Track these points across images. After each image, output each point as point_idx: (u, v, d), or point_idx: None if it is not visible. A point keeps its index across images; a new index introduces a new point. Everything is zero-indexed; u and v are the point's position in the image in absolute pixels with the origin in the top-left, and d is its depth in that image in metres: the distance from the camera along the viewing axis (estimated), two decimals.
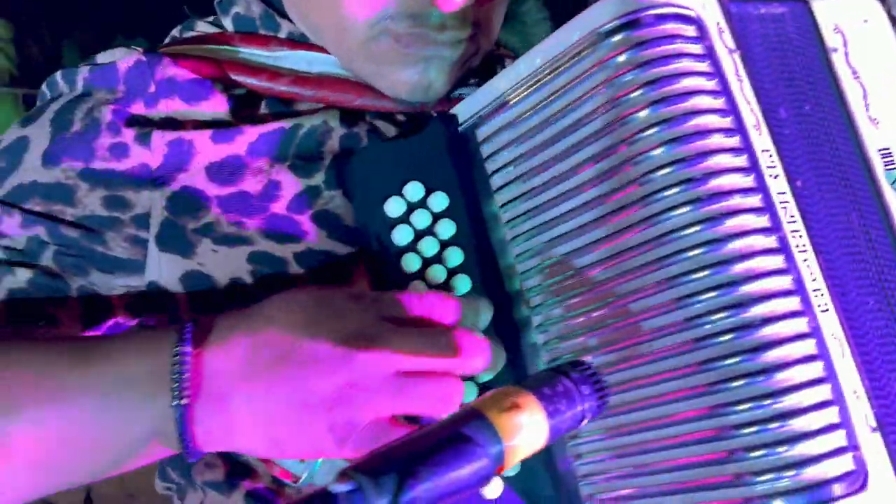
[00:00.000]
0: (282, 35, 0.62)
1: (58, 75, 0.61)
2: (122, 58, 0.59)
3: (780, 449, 0.42)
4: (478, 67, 0.61)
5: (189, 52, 0.60)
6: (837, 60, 0.54)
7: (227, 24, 0.63)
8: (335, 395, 0.43)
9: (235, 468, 0.56)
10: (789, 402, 0.42)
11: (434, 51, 0.56)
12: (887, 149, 0.53)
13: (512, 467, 0.38)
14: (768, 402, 0.43)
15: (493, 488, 0.51)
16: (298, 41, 0.62)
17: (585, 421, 0.38)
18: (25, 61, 2.60)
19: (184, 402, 0.44)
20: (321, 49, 0.61)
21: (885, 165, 0.53)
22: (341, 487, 0.30)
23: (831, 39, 0.54)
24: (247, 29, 0.62)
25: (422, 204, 0.54)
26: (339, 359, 0.43)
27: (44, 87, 0.62)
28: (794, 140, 0.49)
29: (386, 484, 0.30)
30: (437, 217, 0.54)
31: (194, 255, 0.55)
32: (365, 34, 0.55)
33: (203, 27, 0.65)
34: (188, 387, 0.44)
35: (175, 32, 0.66)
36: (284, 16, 0.62)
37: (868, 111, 0.53)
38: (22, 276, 0.54)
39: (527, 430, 0.34)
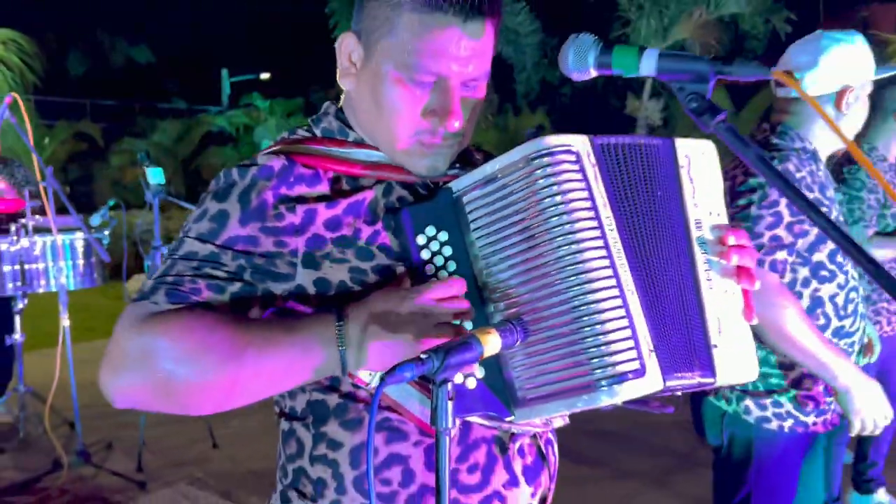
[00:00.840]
0: (350, 139, 1.09)
1: (234, 170, 1.02)
2: (274, 160, 1.03)
3: (606, 358, 0.90)
4: (458, 156, 1.09)
5: (303, 151, 1.05)
6: (683, 170, 1.02)
7: (317, 132, 1.10)
8: (411, 323, 0.91)
9: (332, 378, 1.03)
10: (611, 336, 0.90)
11: (440, 150, 1.04)
12: (699, 220, 1.01)
13: (487, 356, 0.86)
14: (601, 337, 0.90)
15: (471, 382, 0.98)
16: (360, 143, 1.08)
17: (518, 342, 0.90)
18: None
19: (342, 348, 0.93)
20: (373, 147, 1.07)
21: (696, 228, 1.01)
22: (424, 356, 0.80)
23: (682, 160, 1.03)
24: (329, 136, 1.09)
25: (434, 238, 1.01)
26: (407, 313, 0.92)
27: (223, 174, 1.03)
28: (641, 211, 0.97)
29: (439, 356, 0.81)
30: (442, 244, 1.01)
31: (320, 269, 1.01)
32: (407, 140, 1.03)
33: (301, 133, 1.10)
34: (344, 342, 0.93)
35: (284, 135, 1.11)
36: (351, 128, 1.09)
37: (694, 198, 1.02)
38: (236, 287, 0.99)
39: (492, 342, 0.85)
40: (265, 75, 22.60)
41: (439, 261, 1.01)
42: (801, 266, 1.87)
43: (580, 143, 0.96)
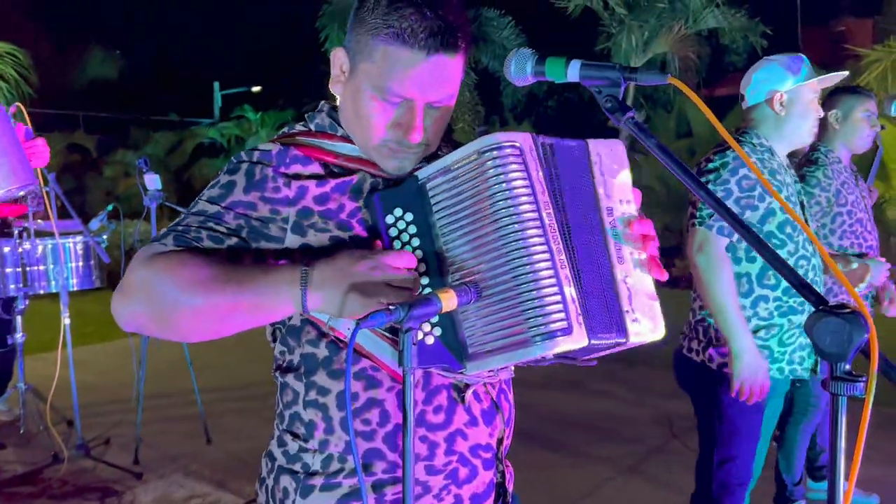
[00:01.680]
0: (339, 135, 1.29)
1: (242, 153, 1.24)
2: (271, 146, 1.24)
3: (539, 317, 1.09)
4: (426, 158, 1.29)
5: (298, 142, 1.26)
6: (595, 166, 1.22)
7: (312, 127, 1.30)
8: (364, 279, 1.10)
9: (320, 333, 1.22)
10: (545, 301, 1.09)
11: (406, 155, 1.24)
12: (610, 207, 1.21)
13: (445, 311, 1.06)
14: (536, 301, 1.10)
15: (430, 339, 1.18)
16: (346, 138, 1.28)
17: (472, 301, 1.10)
18: None
19: (303, 288, 1.10)
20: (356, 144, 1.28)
21: (606, 214, 1.21)
22: (392, 308, 1.01)
23: (594, 156, 1.23)
24: (321, 130, 1.29)
25: (401, 218, 1.21)
26: (366, 267, 1.10)
27: (234, 157, 1.25)
28: (565, 197, 1.16)
29: (404, 308, 1.01)
30: (408, 224, 1.21)
31: (306, 236, 1.21)
32: (376, 143, 1.23)
33: (299, 128, 1.31)
34: (306, 283, 1.11)
35: (286, 129, 1.32)
36: (340, 125, 1.29)
37: (605, 190, 1.22)
38: (233, 241, 1.18)
39: (449, 300, 1.07)
40: (256, 88, 22.83)
41: (405, 237, 1.21)
42: None
43: (524, 139, 1.16)
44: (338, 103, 1.32)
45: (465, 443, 1.25)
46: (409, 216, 1.21)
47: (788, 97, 2.40)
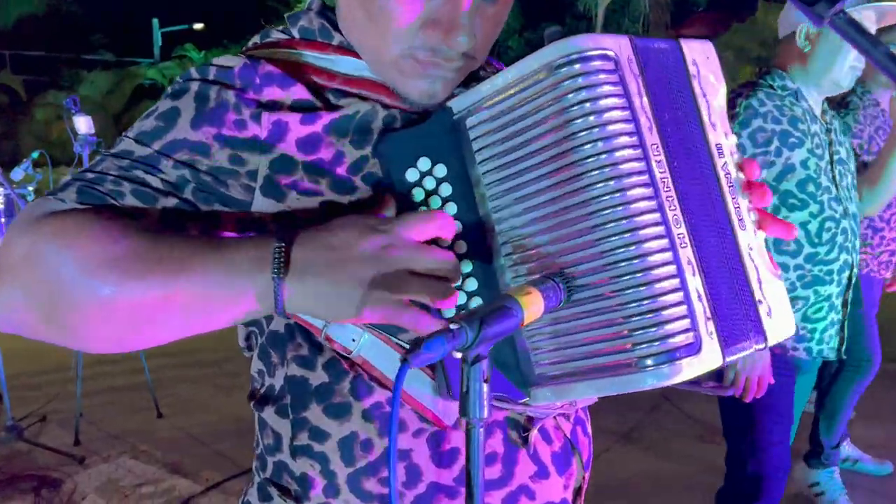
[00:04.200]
0: (335, 43, 0.85)
1: (192, 70, 0.82)
2: (234, 62, 0.81)
3: (651, 330, 0.70)
4: (465, 80, 0.86)
5: (267, 56, 0.82)
6: (695, 83, 0.81)
7: (294, 33, 0.86)
8: (373, 262, 0.69)
9: (314, 346, 0.81)
10: (659, 302, 0.70)
11: (441, 73, 0.81)
12: (719, 144, 0.81)
13: (527, 323, 0.66)
14: (646, 301, 0.70)
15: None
16: (347, 48, 0.85)
17: (561, 304, 0.69)
18: None
19: (280, 275, 0.68)
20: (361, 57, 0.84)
21: (717, 154, 0.81)
22: (454, 326, 0.60)
23: (692, 67, 0.82)
24: (308, 37, 0.86)
25: (429, 173, 0.79)
26: (376, 243, 0.69)
27: (181, 75, 0.82)
28: (672, 136, 0.76)
29: (474, 325, 0.61)
30: (439, 182, 0.79)
31: (285, 200, 0.79)
32: (397, 54, 0.80)
33: (276, 35, 0.87)
34: (282, 267, 0.69)
35: (256, 39, 0.88)
36: (337, 29, 0.86)
37: (709, 117, 0.81)
38: (170, 202, 0.77)
39: (534, 304, 0.66)
40: (199, 26, 21.66)
41: (436, 203, 0.79)
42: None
43: (618, 45, 0.74)
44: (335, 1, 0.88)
45: (532, 503, 0.86)
46: (440, 170, 0.80)
47: (816, 30, 1.98)
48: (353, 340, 0.79)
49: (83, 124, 3.71)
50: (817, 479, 2.93)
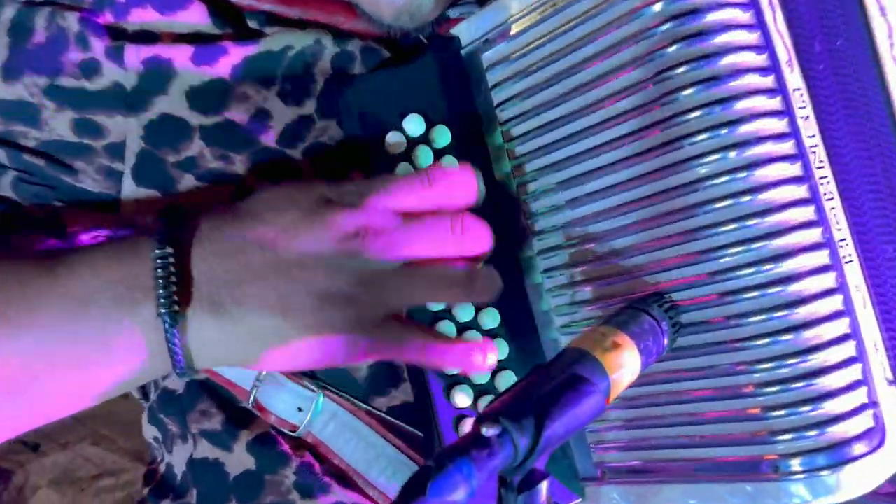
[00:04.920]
0: None
1: None
2: None
3: (804, 409, 0.41)
4: None
5: None
6: (877, 24, 0.50)
7: None
8: (336, 264, 0.40)
9: (234, 415, 0.52)
10: (815, 360, 0.41)
11: None
12: None
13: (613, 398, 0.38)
14: (794, 360, 0.41)
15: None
16: None
17: (665, 352, 0.41)
18: None
19: (174, 309, 0.39)
20: None
21: None
22: (491, 431, 0.31)
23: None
24: None
25: (423, 139, 0.49)
26: (340, 236, 0.41)
27: None
28: (825, 78, 0.46)
29: (527, 425, 0.33)
30: (439, 154, 0.49)
31: (176, 191, 0.49)
32: None
33: None
34: (176, 292, 0.39)
35: None
36: None
37: (892, 50, 0.51)
38: None
39: (627, 366, 0.38)
40: None
41: None
42: None
43: None
44: None
45: None
46: (441, 134, 0.50)
47: None
48: (300, 410, 0.49)
49: None
50: None
